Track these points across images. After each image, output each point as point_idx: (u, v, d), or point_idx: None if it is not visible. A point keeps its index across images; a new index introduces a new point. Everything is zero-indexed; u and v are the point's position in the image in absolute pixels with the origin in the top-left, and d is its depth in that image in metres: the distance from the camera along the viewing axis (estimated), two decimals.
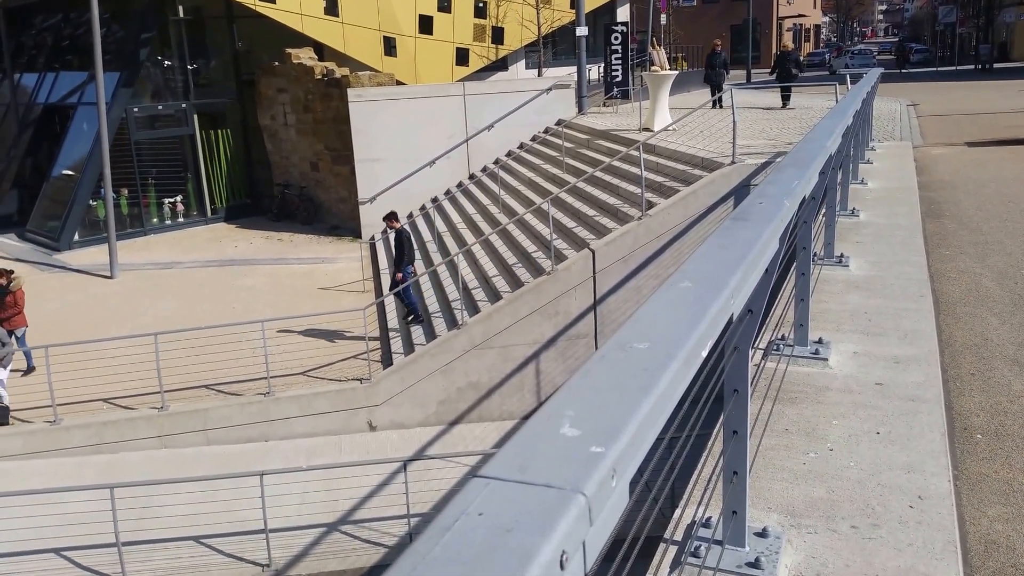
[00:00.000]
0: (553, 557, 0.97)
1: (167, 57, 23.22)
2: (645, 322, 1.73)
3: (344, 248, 20.23)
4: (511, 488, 1.08)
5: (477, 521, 1.00)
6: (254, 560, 9.27)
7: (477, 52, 28.52)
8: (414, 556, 0.94)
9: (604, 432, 1.23)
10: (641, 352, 1.56)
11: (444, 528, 0.99)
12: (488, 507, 1.03)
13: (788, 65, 19.07)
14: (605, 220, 13.00)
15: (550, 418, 1.27)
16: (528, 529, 0.99)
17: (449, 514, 1.02)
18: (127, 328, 14.61)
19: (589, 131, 18.20)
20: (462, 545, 0.96)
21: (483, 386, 12.34)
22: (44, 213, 23.01)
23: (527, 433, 1.23)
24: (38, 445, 11.46)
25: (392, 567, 0.92)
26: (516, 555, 0.94)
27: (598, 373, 1.47)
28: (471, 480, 1.10)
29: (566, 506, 1.04)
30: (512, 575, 0.91)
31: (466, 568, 0.92)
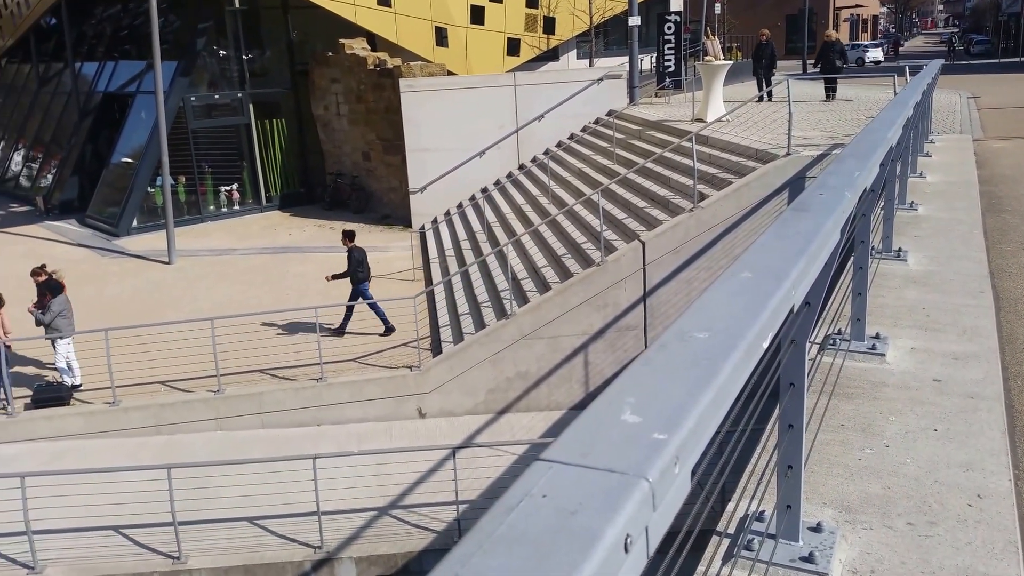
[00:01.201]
0: (618, 540, 0.98)
1: (223, 47, 23.63)
2: (705, 312, 1.73)
3: (394, 237, 20.41)
4: (574, 471, 1.10)
5: (541, 502, 1.02)
6: (307, 542, 9.45)
7: (528, 42, 28.47)
8: (480, 534, 0.97)
9: (666, 419, 1.24)
10: (702, 342, 1.56)
11: (508, 508, 1.02)
12: (552, 489, 1.05)
13: (832, 56, 18.43)
14: (656, 212, 12.91)
15: (611, 404, 1.29)
16: (593, 512, 1.00)
17: (513, 495, 1.05)
18: (184, 313, 14.95)
19: (641, 122, 18.05)
20: (527, 525, 0.98)
21: (531, 376, 12.37)
22: (104, 199, 23.65)
23: (588, 419, 1.25)
24: (99, 425, 11.82)
25: (459, 544, 0.95)
26: (581, 536, 0.96)
27: (658, 361, 1.47)
28: (534, 463, 1.12)
29: (630, 491, 1.05)
30: (578, 556, 0.93)
31: (532, 547, 0.94)
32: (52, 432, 11.75)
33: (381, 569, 9.44)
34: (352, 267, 13.97)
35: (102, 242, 21.42)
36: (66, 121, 27.54)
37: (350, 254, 14.17)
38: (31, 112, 30.42)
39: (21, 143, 30.39)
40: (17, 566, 9.18)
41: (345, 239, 14.53)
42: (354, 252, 14.16)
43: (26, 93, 31.57)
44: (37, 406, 12.03)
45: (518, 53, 28.21)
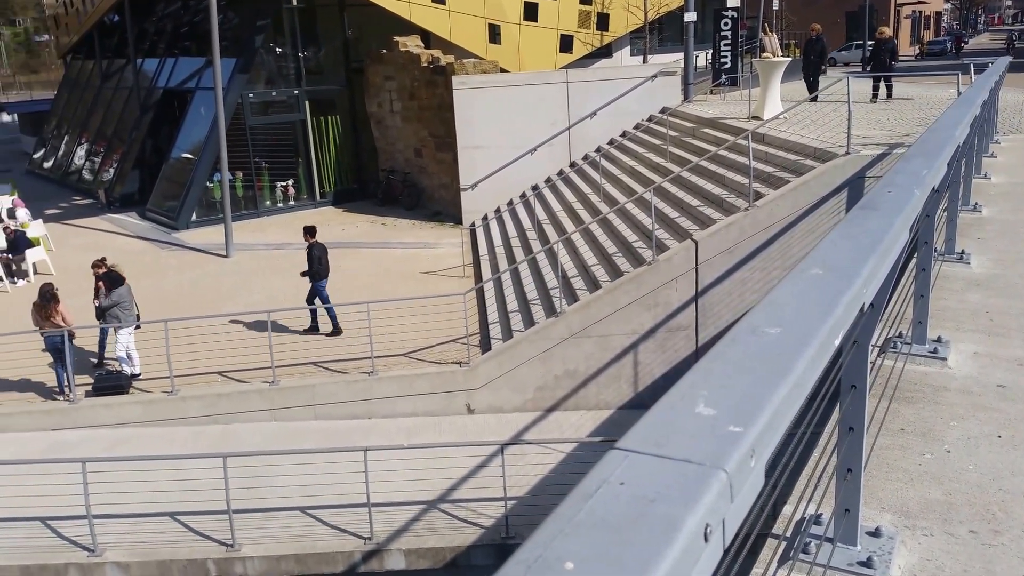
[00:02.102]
0: (698, 529, 1.00)
1: (280, 45, 24.02)
2: (776, 308, 1.73)
3: (445, 234, 20.53)
4: (649, 461, 1.11)
5: (619, 490, 1.04)
6: (357, 533, 9.57)
7: (581, 39, 28.36)
8: (560, 519, 0.99)
9: (741, 413, 1.25)
10: (773, 337, 1.56)
11: (586, 495, 1.04)
12: (629, 477, 1.07)
13: (883, 55, 17.72)
14: (710, 210, 12.78)
15: (684, 397, 1.30)
16: (672, 500, 1.02)
17: (590, 482, 1.06)
18: (241, 305, 15.24)
19: (695, 119, 17.88)
20: (606, 511, 1.00)
21: (580, 374, 12.35)
22: (164, 193, 24.21)
23: (661, 410, 1.26)
24: (157, 414, 12.12)
25: (539, 528, 0.97)
26: (662, 524, 0.97)
27: (730, 356, 1.48)
28: (609, 452, 1.14)
29: (708, 482, 1.07)
30: (660, 543, 0.94)
31: (613, 533, 0.96)
32: (112, 419, 12.08)
33: (429, 562, 9.52)
34: (312, 264, 14.01)
35: (161, 235, 21.93)
36: (127, 116, 28.25)
37: (310, 250, 14.20)
38: (94, 107, 31.28)
39: (84, 137, 31.26)
40: (78, 548, 9.45)
41: (306, 235, 14.54)
42: (314, 249, 14.20)
43: (90, 89, 32.46)
44: (98, 394, 12.38)
45: (571, 50, 28.12)
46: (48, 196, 27.97)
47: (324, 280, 14.21)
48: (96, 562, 9.29)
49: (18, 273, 18.49)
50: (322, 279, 14.16)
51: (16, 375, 13.20)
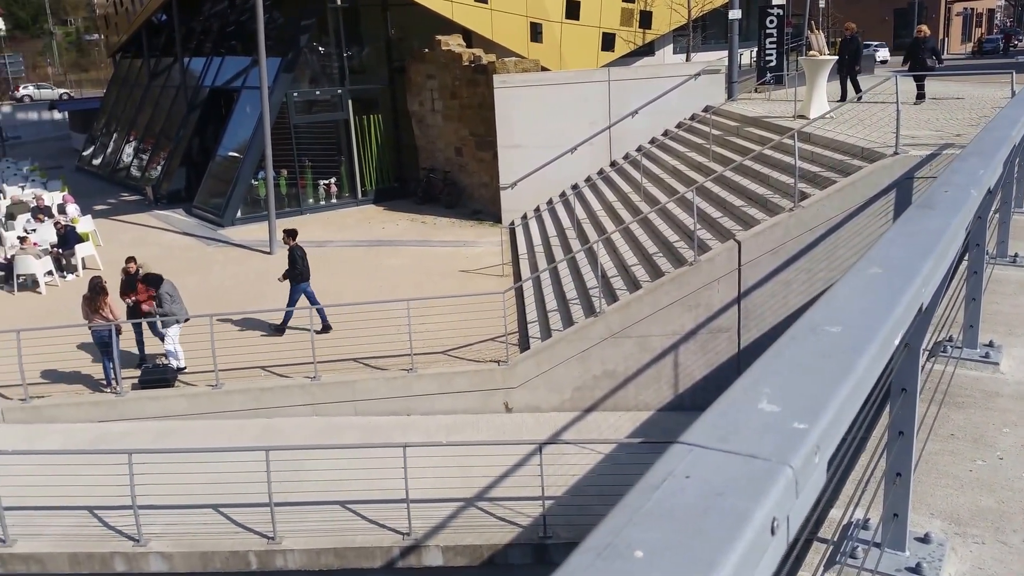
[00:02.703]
0: (765, 523, 1.01)
1: (325, 44, 24.27)
2: (835, 306, 1.72)
3: (485, 232, 20.59)
4: (715, 455, 1.13)
5: (685, 483, 1.06)
6: (395, 528, 9.64)
7: (623, 37, 28.21)
8: (627, 510, 1.00)
9: (805, 410, 1.26)
10: (834, 335, 1.57)
11: (652, 487, 1.05)
12: (695, 471, 1.08)
13: (922, 54, 16.89)
14: (753, 211, 12.64)
15: (746, 393, 1.31)
16: (740, 494, 1.03)
17: (656, 474, 1.08)
18: (283, 301, 15.42)
19: (739, 118, 17.70)
20: (674, 503, 1.01)
21: (619, 375, 12.30)
22: (210, 191, 24.60)
23: (723, 406, 1.27)
24: (201, 407, 12.32)
25: (606, 518, 0.99)
26: (731, 516, 0.99)
27: (791, 353, 1.49)
28: (673, 446, 1.15)
29: (775, 477, 1.08)
30: (729, 534, 0.96)
31: (682, 523, 0.97)
32: (158, 412, 12.31)
33: (467, 559, 9.56)
34: (292, 266, 14.15)
35: (207, 232, 22.29)
36: (175, 114, 28.75)
37: (291, 253, 14.37)
38: (142, 105, 31.88)
39: (132, 135, 31.88)
40: (123, 538, 9.64)
41: (287, 237, 14.71)
42: (295, 251, 14.35)
43: (138, 87, 33.09)
44: (144, 387, 12.62)
45: (613, 48, 27.98)
46: (97, 192, 28.56)
47: (306, 282, 14.42)
48: (141, 552, 9.48)
49: (68, 267, 18.92)
50: (304, 281, 14.37)
51: (65, 367, 13.52)
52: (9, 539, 9.52)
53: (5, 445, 10.61)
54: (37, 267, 17.88)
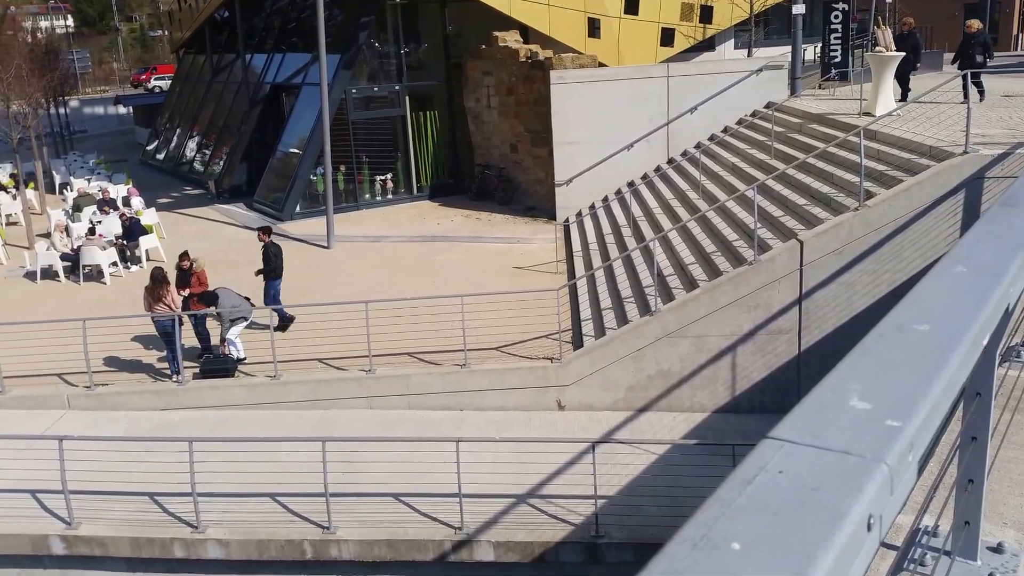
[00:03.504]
0: (862, 519, 1.02)
1: (383, 41, 24.49)
2: (921, 305, 1.71)
3: (539, 229, 20.57)
4: (807, 451, 1.14)
5: (778, 478, 1.07)
6: (448, 522, 9.68)
7: (683, 32, 27.89)
8: (720, 503, 1.01)
9: (897, 408, 1.26)
10: (923, 334, 1.56)
11: (744, 481, 1.05)
12: (787, 466, 1.10)
13: (972, 50, 15.96)
14: (816, 210, 12.39)
15: (835, 390, 1.32)
16: (835, 490, 1.04)
17: (747, 469, 1.08)
18: (340, 295, 15.62)
19: (802, 115, 17.35)
20: (767, 497, 1.02)
21: (674, 375, 12.17)
22: (270, 185, 25.03)
23: (813, 403, 1.28)
24: (260, 397, 12.54)
25: (699, 511, 0.99)
26: (828, 511, 1.00)
27: (879, 351, 1.49)
28: (764, 441, 1.16)
29: (871, 473, 1.09)
30: (827, 529, 0.97)
31: (777, 517, 0.98)
32: (217, 401, 12.57)
33: (518, 555, 9.57)
34: (266, 262, 14.29)
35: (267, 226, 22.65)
36: (236, 110, 29.31)
37: (265, 250, 14.50)
38: (205, 101, 32.57)
39: (195, 130, 32.60)
40: (182, 524, 9.86)
41: (261, 234, 14.90)
42: (269, 248, 14.48)
43: (200, 83, 33.82)
44: (205, 376, 12.90)
45: (672, 43, 27.67)
46: (160, 186, 29.27)
47: (278, 279, 14.61)
48: (199, 538, 9.68)
49: (132, 259, 19.42)
50: (276, 278, 14.56)
51: (128, 356, 13.89)
52: (74, 522, 9.81)
53: (71, 431, 10.95)
54: (102, 258, 18.39)
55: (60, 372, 13.04)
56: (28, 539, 9.82)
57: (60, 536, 9.77)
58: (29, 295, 17.84)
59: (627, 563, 9.51)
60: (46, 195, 26.55)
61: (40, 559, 9.95)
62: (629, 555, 9.46)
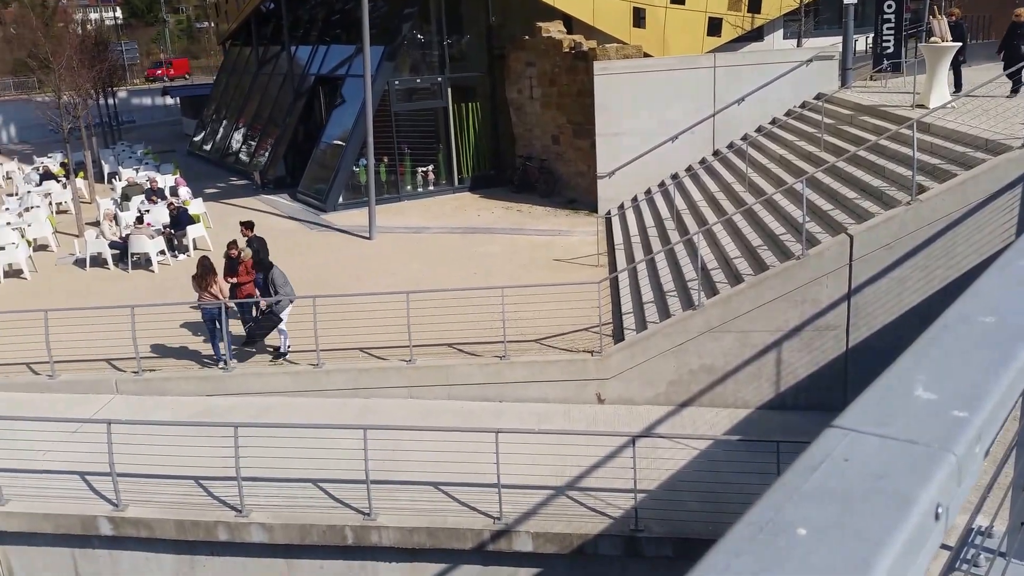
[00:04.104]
0: (929, 508, 1.01)
1: (426, 32, 24.56)
2: (985, 297, 1.69)
3: (580, 222, 20.50)
4: (872, 440, 1.13)
5: (844, 465, 1.08)
6: (487, 512, 9.72)
7: (731, 21, 27.46)
8: (785, 489, 1.00)
9: (964, 398, 1.24)
10: (989, 325, 1.54)
11: (810, 468, 1.05)
12: (853, 454, 1.11)
13: (1017, 41, 15.07)
14: (867, 203, 12.15)
15: (901, 380, 1.31)
16: (902, 478, 1.04)
17: (813, 456, 1.08)
18: (382, 285, 15.74)
19: (853, 106, 17.03)
20: (833, 484, 1.03)
21: (717, 370, 12.04)
22: (313, 176, 25.29)
23: (877, 392, 1.27)
24: (303, 384, 12.69)
25: (764, 496, 0.99)
26: (895, 499, 1.00)
27: (945, 342, 1.49)
28: (828, 429, 1.16)
29: (938, 463, 1.08)
30: (895, 516, 0.97)
31: (843, 504, 0.99)
32: (262, 388, 12.75)
33: (556, 547, 9.57)
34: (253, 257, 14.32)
35: (311, 216, 22.94)
36: (281, 101, 29.65)
37: (249, 244, 14.62)
38: (250, 92, 32.99)
39: (241, 121, 33.05)
40: (227, 508, 10.03)
41: (244, 228, 15.04)
42: (252, 242, 14.61)
43: (246, 74, 34.26)
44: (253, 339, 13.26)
45: (719, 33, 27.27)
46: (207, 176, 29.75)
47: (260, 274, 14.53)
48: (243, 522, 9.84)
49: (179, 248, 19.78)
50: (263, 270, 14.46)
51: (175, 343, 14.15)
52: (122, 504, 10.03)
53: (119, 415, 11.19)
54: (150, 247, 18.75)
55: (109, 357, 13.33)
56: (78, 520, 10.06)
57: (108, 518, 10.00)
58: (79, 282, 18.27)
59: (666, 558, 9.46)
60: (95, 184, 27.17)
61: (89, 539, 10.20)
62: (668, 550, 9.41)
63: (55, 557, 10.35)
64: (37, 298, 16.31)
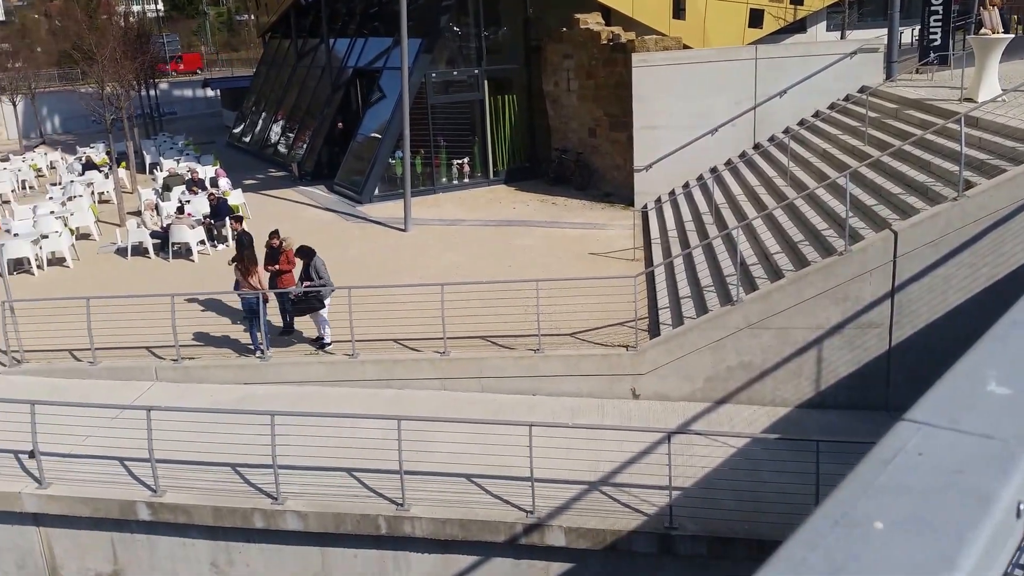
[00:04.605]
0: (1011, 504, 0.97)
1: (463, 25, 24.52)
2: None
3: (616, 215, 20.37)
4: (946, 434, 1.10)
5: (918, 459, 1.02)
6: (519, 505, 9.68)
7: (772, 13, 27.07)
8: (858, 482, 0.96)
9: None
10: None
11: (883, 461, 0.99)
12: (926, 448, 1.06)
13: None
14: (912, 199, 11.89)
15: (970, 376, 1.28)
16: (981, 474, 0.99)
17: (885, 450, 1.03)
18: (416, 277, 15.77)
19: (898, 100, 16.68)
20: (908, 479, 0.99)
21: (755, 367, 11.87)
22: (350, 168, 25.43)
23: (947, 387, 1.23)
24: (338, 374, 12.76)
25: (837, 489, 0.93)
26: (973, 494, 0.95)
27: (1015, 338, 1.41)
28: (900, 423, 1.10)
29: (1017, 459, 1.03)
30: (976, 512, 0.92)
31: (919, 499, 0.94)
32: (298, 377, 12.84)
33: (589, 543, 9.51)
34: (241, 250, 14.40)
35: (347, 208, 23.07)
36: (319, 94, 29.85)
37: (239, 239, 14.80)
38: (289, 85, 33.26)
39: (280, 113, 33.33)
40: (263, 495, 10.11)
41: (234, 223, 15.26)
42: (242, 237, 14.76)
43: (285, 67, 34.53)
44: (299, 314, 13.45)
45: (760, 25, 26.89)
46: (246, 167, 30.05)
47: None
48: (278, 510, 9.91)
49: (218, 238, 19.99)
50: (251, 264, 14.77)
51: (214, 331, 14.31)
52: (160, 489, 10.16)
53: (158, 402, 11.32)
54: (191, 236, 18.98)
55: (149, 345, 13.52)
56: (117, 504, 10.21)
57: (146, 503, 10.13)
58: (120, 270, 18.56)
59: (700, 556, 9.36)
60: (137, 174, 27.55)
61: (127, 524, 10.35)
62: (703, 548, 9.31)
63: (94, 541, 10.52)
64: (79, 286, 16.59)
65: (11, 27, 61.42)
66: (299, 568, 10.27)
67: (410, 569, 10.04)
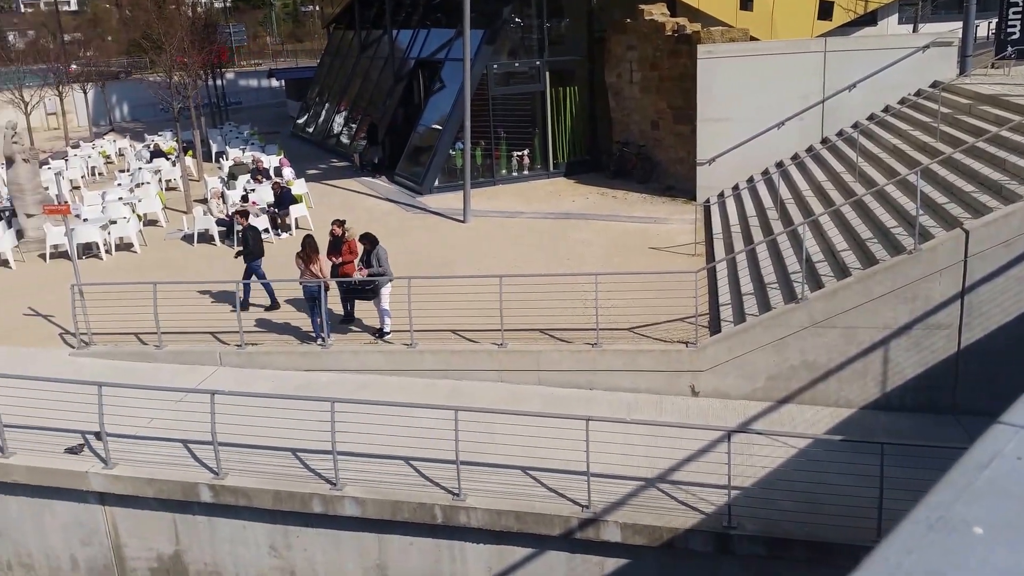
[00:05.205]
0: None
1: (526, 16, 24.46)
2: None
3: (677, 209, 20.12)
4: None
5: (1017, 464, 0.95)
6: (575, 499, 9.64)
7: (843, 5, 26.37)
8: (954, 487, 0.89)
9: None
10: None
11: (979, 466, 0.93)
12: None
13: None
14: (985, 197, 11.48)
15: None
16: None
17: (980, 454, 0.96)
18: (474, 268, 15.82)
19: (972, 95, 16.13)
20: (1007, 482, 0.93)
21: (819, 367, 11.60)
22: (411, 159, 25.62)
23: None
24: (397, 364, 12.87)
25: (931, 493, 0.88)
26: None
27: None
28: (994, 426, 1.03)
29: None
30: None
31: (1020, 503, 0.89)
32: (358, 365, 12.99)
33: (645, 539, 9.42)
34: (245, 244, 14.80)
35: (407, 198, 23.26)
36: (382, 85, 30.12)
37: (245, 233, 15.16)
38: (352, 76, 33.62)
39: (343, 104, 33.74)
40: (322, 481, 10.26)
41: (239, 217, 15.79)
42: (248, 231, 15.21)
43: (349, 58, 34.92)
44: (358, 297, 13.72)
45: (830, 17, 26.22)
46: (309, 157, 30.51)
47: (259, 260, 15.21)
48: (337, 495, 10.04)
49: (282, 226, 20.34)
50: (257, 259, 15.14)
51: (277, 318, 14.57)
52: (222, 472, 10.38)
53: (221, 386, 11.56)
54: (255, 224, 19.32)
55: (213, 330, 13.82)
56: (179, 486, 10.47)
57: (208, 485, 10.37)
58: (186, 257, 19.02)
59: (758, 556, 9.20)
60: (203, 163, 28.18)
61: (189, 505, 10.60)
62: (761, 549, 9.14)
63: (157, 521, 10.80)
64: (146, 271, 17.06)
65: (83, 17, 63.27)
66: (356, 554, 10.40)
67: (465, 559, 10.09)
